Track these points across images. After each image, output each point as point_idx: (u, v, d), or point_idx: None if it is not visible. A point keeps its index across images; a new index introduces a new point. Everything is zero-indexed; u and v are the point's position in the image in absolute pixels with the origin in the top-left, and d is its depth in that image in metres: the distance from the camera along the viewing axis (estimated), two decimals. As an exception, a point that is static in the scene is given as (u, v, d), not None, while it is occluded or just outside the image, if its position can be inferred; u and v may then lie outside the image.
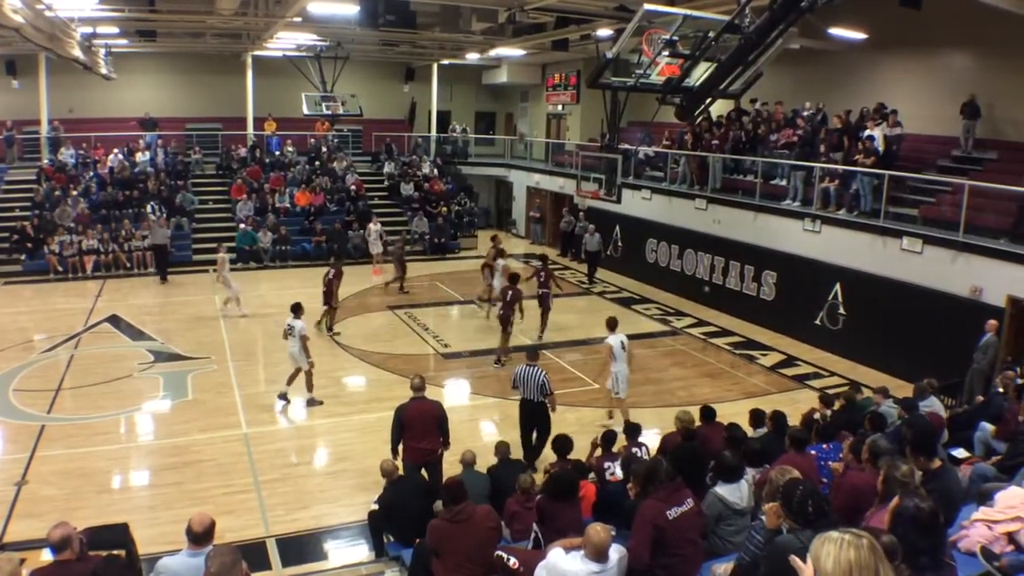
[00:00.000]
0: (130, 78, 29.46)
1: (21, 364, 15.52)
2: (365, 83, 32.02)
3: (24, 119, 28.05)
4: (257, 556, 8.65)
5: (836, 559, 2.98)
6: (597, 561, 5.36)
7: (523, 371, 11.13)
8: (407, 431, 9.51)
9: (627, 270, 23.92)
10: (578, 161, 25.35)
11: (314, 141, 31.20)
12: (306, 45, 26.87)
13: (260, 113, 30.99)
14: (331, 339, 17.23)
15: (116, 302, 20.10)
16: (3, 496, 10.16)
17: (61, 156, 27.36)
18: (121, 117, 29.76)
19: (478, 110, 36.99)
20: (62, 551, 5.48)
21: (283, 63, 28.84)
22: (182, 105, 31.16)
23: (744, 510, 6.38)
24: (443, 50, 29.83)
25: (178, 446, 11.86)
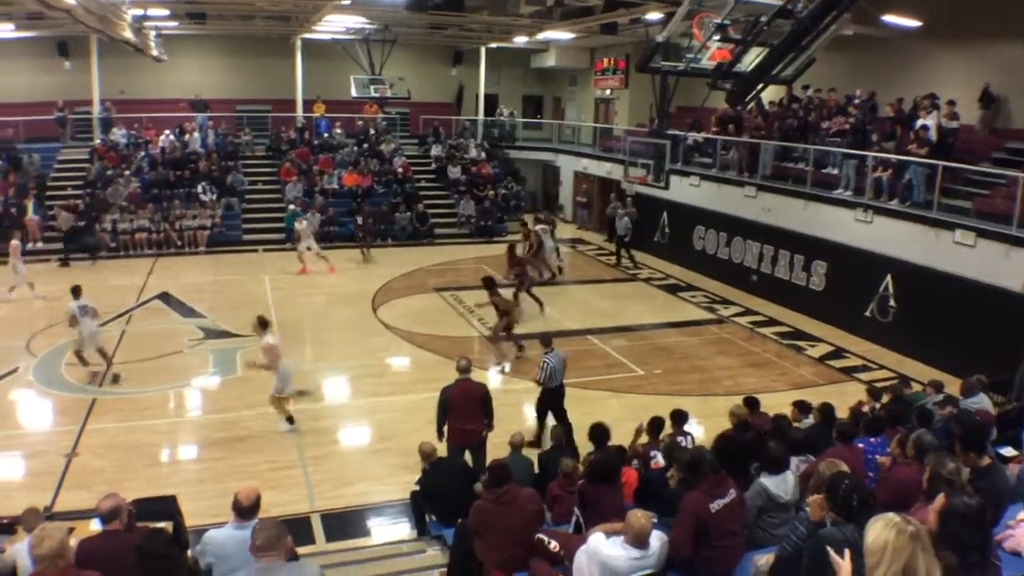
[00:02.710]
0: (181, 60, 29.85)
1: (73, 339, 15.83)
2: (413, 66, 32.08)
3: (76, 100, 28.56)
4: (302, 531, 8.79)
5: (877, 535, 3.17)
6: (638, 547, 5.36)
7: (554, 359, 11.15)
8: (452, 412, 9.58)
9: (674, 257, 23.75)
10: (626, 146, 25.20)
11: (362, 123, 31.34)
12: (354, 28, 27.02)
13: (309, 95, 31.20)
14: (379, 320, 17.35)
15: (167, 280, 20.45)
16: (54, 467, 10.43)
17: (113, 136, 27.84)
18: (172, 98, 30.19)
19: (526, 94, 36.87)
20: (111, 522, 5.60)
21: (332, 46, 29.03)
22: (232, 87, 31.53)
23: (788, 503, 6.30)
24: (491, 33, 29.76)
25: (226, 421, 12.09)
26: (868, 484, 6.50)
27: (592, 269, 23.16)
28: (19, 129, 27.39)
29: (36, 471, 10.40)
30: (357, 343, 15.99)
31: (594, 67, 32.38)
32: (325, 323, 17.54)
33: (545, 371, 11.03)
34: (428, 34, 29.97)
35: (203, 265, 22.58)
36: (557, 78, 36.07)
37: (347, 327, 17.05)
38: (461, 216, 27.22)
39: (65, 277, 20.91)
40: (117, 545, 5.24)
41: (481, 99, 34.06)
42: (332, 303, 18.67)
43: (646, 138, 23.64)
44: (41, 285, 19.05)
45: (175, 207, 24.77)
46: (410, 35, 29.37)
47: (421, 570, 7.76)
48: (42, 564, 4.47)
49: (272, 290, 19.63)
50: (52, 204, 24.37)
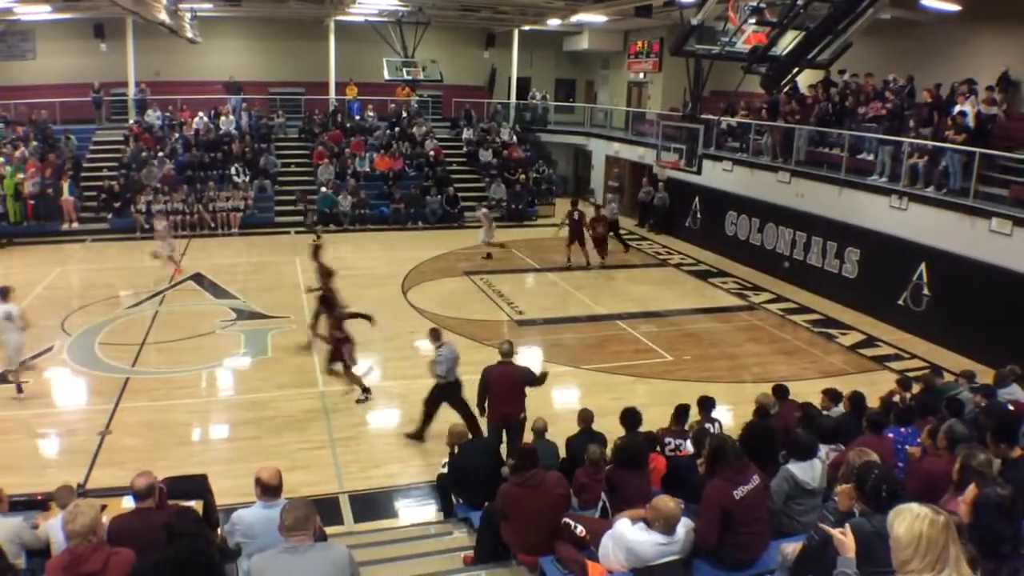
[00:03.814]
0: (215, 42, 30.07)
1: (107, 319, 16.10)
2: (445, 49, 32.07)
3: (111, 81, 28.88)
4: (330, 511, 8.89)
5: (909, 527, 3.11)
6: (664, 533, 5.36)
7: (447, 352, 10.56)
8: (492, 394, 9.78)
9: (705, 243, 23.58)
10: (659, 130, 25.03)
11: (394, 106, 31.39)
12: (388, 10, 27.02)
13: (342, 78, 31.28)
14: (408, 303, 17.40)
15: (200, 261, 20.64)
16: (87, 445, 10.61)
17: (148, 118, 28.09)
18: (206, 80, 30.46)
19: (558, 77, 36.67)
20: (144, 499, 5.69)
21: (365, 28, 29.05)
22: (266, 69, 31.69)
23: (816, 490, 6.27)
24: (524, 16, 29.66)
25: (257, 402, 12.24)
26: (898, 475, 6.46)
27: (622, 254, 23.05)
28: (55, 110, 27.73)
29: (70, 449, 10.60)
30: (386, 326, 15.97)
31: (627, 50, 32.16)
32: (355, 305, 17.47)
33: (443, 365, 10.45)
34: (461, 16, 29.91)
35: (236, 246, 22.76)
36: (590, 61, 35.86)
37: (377, 309, 16.94)
38: (492, 200, 27.19)
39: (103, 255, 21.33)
40: (149, 522, 5.32)
41: (514, 82, 33.92)
42: (361, 285, 18.68)
43: (679, 122, 23.45)
44: (79, 263, 19.36)
45: (209, 189, 25.00)
46: (443, 17, 29.34)
47: (447, 552, 7.79)
48: (75, 540, 4.55)
49: (303, 272, 19.71)
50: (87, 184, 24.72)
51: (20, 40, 29.15)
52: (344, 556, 4.76)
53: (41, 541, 6.23)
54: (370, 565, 6.73)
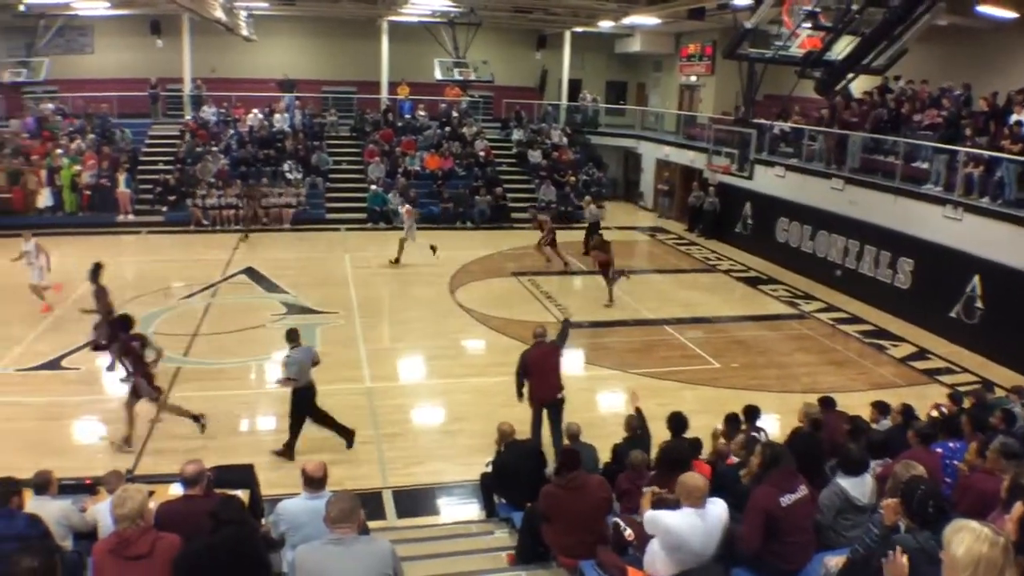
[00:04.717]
0: (270, 40, 30.53)
1: (161, 309, 16.41)
2: (497, 50, 32.21)
3: (168, 77, 29.47)
4: (373, 505, 8.96)
5: (968, 548, 2.99)
6: (695, 507, 5.37)
7: (300, 355, 10.17)
8: (533, 375, 10.02)
9: (756, 249, 23.28)
10: (710, 135, 24.86)
11: (445, 106, 31.54)
12: (440, 11, 27.15)
13: (394, 77, 31.54)
14: (456, 302, 17.47)
15: (252, 255, 20.95)
16: (138, 432, 10.79)
17: (203, 114, 28.64)
18: (261, 78, 30.93)
19: (609, 79, 36.56)
20: (193, 486, 5.81)
21: (417, 28, 29.27)
22: (319, 68, 32.10)
23: (865, 507, 6.15)
24: (576, 17, 29.61)
25: (304, 395, 12.32)
26: (945, 490, 6.33)
27: (671, 259, 22.91)
28: (113, 104, 28.38)
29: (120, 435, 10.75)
30: (434, 324, 16.13)
31: (679, 53, 31.95)
32: (403, 303, 17.75)
33: (294, 367, 10.06)
34: (513, 17, 29.97)
35: (287, 242, 23.02)
36: (641, 64, 35.70)
37: (424, 308, 17.22)
38: (541, 201, 27.17)
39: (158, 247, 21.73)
40: (196, 509, 5.42)
41: (565, 84, 33.90)
42: (410, 283, 18.85)
43: (731, 126, 23.27)
44: (133, 255, 19.73)
45: (262, 184, 25.34)
46: (495, 18, 29.45)
47: (489, 551, 7.81)
48: (123, 524, 4.64)
49: (352, 268, 19.93)
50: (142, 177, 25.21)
51: (79, 35, 29.91)
52: (387, 550, 4.80)
53: (88, 524, 6.35)
54: (411, 561, 6.76)
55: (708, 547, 5.42)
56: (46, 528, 5.66)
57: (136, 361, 10.49)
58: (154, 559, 4.64)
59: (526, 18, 30.11)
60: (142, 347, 10.62)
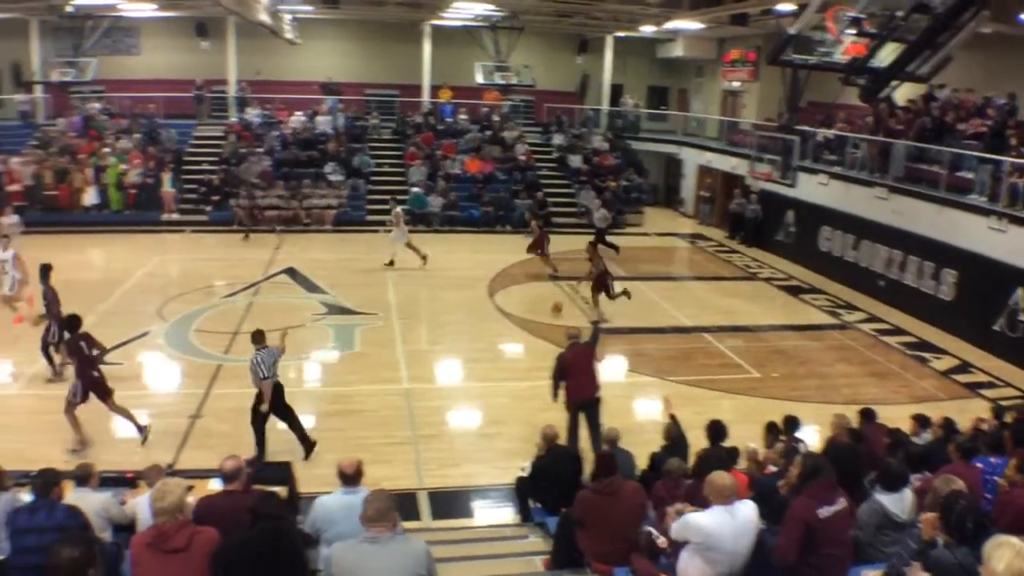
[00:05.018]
0: (313, 44, 30.88)
1: (203, 307, 16.64)
2: (538, 54, 32.27)
3: (213, 79, 29.95)
4: (408, 506, 9.00)
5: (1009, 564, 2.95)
6: (724, 505, 5.39)
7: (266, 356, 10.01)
8: (571, 376, 10.08)
9: (798, 257, 23.00)
10: (753, 141, 24.67)
11: (486, 110, 31.62)
12: (482, 15, 27.24)
13: (435, 81, 31.71)
14: (494, 306, 17.48)
15: (293, 255, 21.15)
16: (179, 427, 10.98)
17: (247, 115, 29.02)
18: (304, 81, 31.23)
19: (651, 84, 36.35)
20: (231, 481, 5.87)
21: (459, 32, 29.40)
22: (361, 71, 32.34)
23: (905, 523, 6.06)
24: (618, 22, 29.52)
25: (342, 395, 12.50)
26: (985, 506, 6.21)
27: (711, 266, 22.75)
28: (159, 105, 28.82)
29: (161, 430, 10.91)
30: (472, 327, 16.17)
31: (722, 58, 31.69)
32: (442, 305, 17.80)
33: (263, 367, 9.93)
34: (555, 22, 29.98)
35: (328, 243, 23.21)
36: (683, 69, 35.48)
37: (463, 311, 17.25)
38: (580, 206, 27.13)
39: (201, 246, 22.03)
40: (234, 504, 5.49)
41: (606, 88, 33.83)
42: (449, 286, 18.90)
43: (774, 133, 23.08)
44: (177, 253, 20.01)
45: (304, 186, 25.59)
46: (537, 23, 29.49)
47: (523, 555, 7.81)
48: (162, 517, 4.70)
49: (392, 270, 20.02)
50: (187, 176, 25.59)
51: (125, 36, 30.46)
52: (422, 550, 4.80)
53: (128, 517, 6.44)
54: (446, 562, 6.76)
55: (739, 546, 5.41)
56: (86, 519, 5.73)
57: (82, 363, 10.37)
58: (192, 553, 4.67)
59: (568, 22, 30.10)
60: (89, 347, 10.51)
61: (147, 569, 4.68)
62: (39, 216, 23.40)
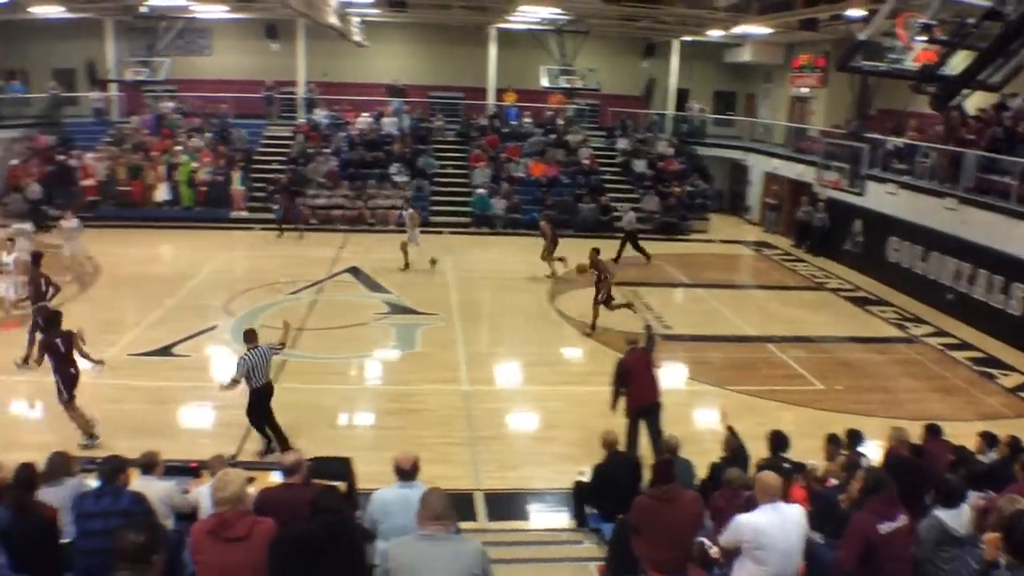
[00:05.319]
0: (380, 46, 31.29)
1: (269, 303, 16.95)
2: (604, 58, 32.20)
3: (282, 80, 30.57)
4: (465, 506, 9.05)
5: None
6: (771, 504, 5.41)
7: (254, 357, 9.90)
8: (633, 381, 10.08)
9: (865, 268, 22.51)
10: (821, 148, 24.28)
11: (551, 113, 31.62)
12: (548, 19, 27.26)
13: (500, 84, 31.88)
14: (555, 309, 17.48)
15: (358, 255, 21.45)
16: (242, 420, 11.10)
17: (315, 116, 29.52)
18: (371, 83, 31.65)
19: (717, 89, 35.93)
20: (291, 475, 5.98)
21: (524, 36, 29.48)
22: (427, 74, 32.69)
23: (963, 538, 5.94)
24: (685, 26, 29.32)
25: (403, 394, 12.61)
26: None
27: (776, 275, 22.42)
28: (230, 105, 29.50)
29: (225, 422, 11.18)
30: (532, 330, 16.19)
31: (790, 64, 31.21)
32: (502, 307, 17.87)
33: (241, 368, 9.81)
34: (621, 26, 29.86)
35: (392, 243, 23.29)
36: (751, 74, 35.04)
37: (523, 314, 17.29)
38: (644, 211, 26.97)
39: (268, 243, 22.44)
40: (295, 497, 5.58)
41: (672, 93, 33.59)
42: (510, 289, 18.96)
43: (843, 140, 22.67)
44: (245, 250, 20.39)
45: (369, 186, 25.92)
46: (603, 26, 29.42)
47: (577, 560, 7.81)
48: (223, 506, 4.81)
49: (453, 271, 20.16)
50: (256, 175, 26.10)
51: (198, 37, 31.21)
52: (478, 551, 4.78)
53: (190, 505, 6.61)
54: (501, 564, 6.79)
55: (790, 545, 5.41)
56: (150, 506, 5.91)
57: (58, 360, 10.35)
58: (251, 542, 4.76)
59: (634, 26, 29.95)
60: (66, 345, 10.45)
61: (207, 556, 4.78)
62: (112, 211, 24.23)
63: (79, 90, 30.58)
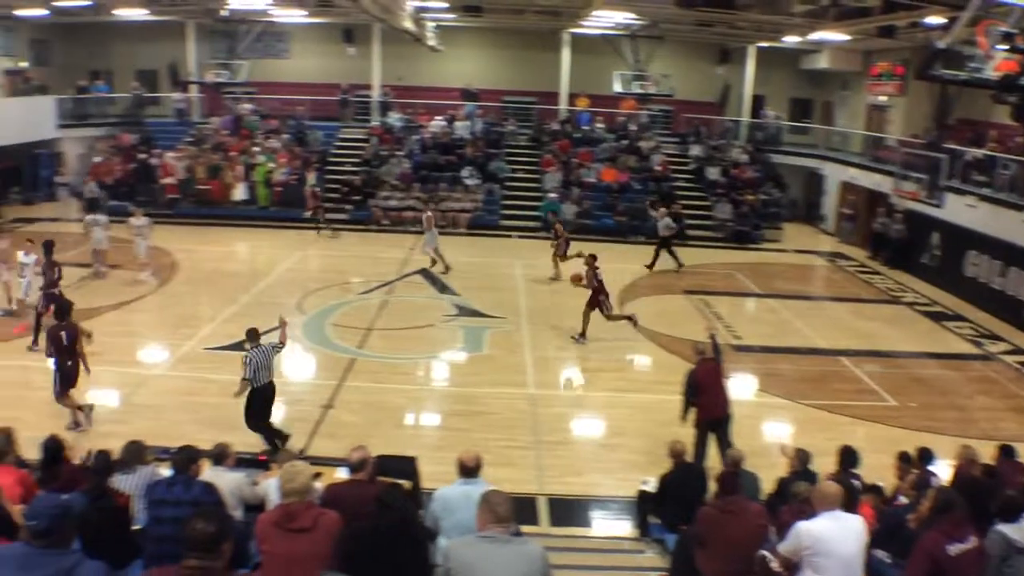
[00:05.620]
0: (454, 51, 31.58)
1: (340, 302, 17.27)
2: (678, 63, 31.92)
3: (358, 83, 31.07)
4: (527, 510, 9.08)
5: None
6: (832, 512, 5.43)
7: (259, 355, 10.00)
8: (701, 392, 9.96)
9: (942, 282, 21.87)
10: (899, 158, 23.75)
11: (623, 119, 31.49)
12: (622, 24, 27.17)
13: (573, 89, 31.83)
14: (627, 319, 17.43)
15: (428, 257, 21.54)
16: (311, 416, 11.48)
17: (389, 119, 29.95)
18: (444, 87, 31.94)
19: (793, 96, 35.24)
20: (357, 471, 6.10)
21: (597, 41, 29.44)
22: (500, 78, 32.81)
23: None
24: (760, 32, 28.88)
25: (468, 396, 12.73)
26: None
27: (850, 287, 21.95)
28: (306, 107, 30.11)
29: (294, 417, 11.42)
30: (599, 336, 16.11)
31: (868, 71, 30.48)
32: (570, 312, 17.76)
33: (249, 366, 9.91)
34: (695, 31, 29.55)
35: (461, 246, 23.53)
36: (828, 81, 34.30)
37: (591, 320, 17.16)
38: (716, 219, 26.70)
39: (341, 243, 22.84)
40: (360, 493, 5.70)
41: (747, 99, 33.15)
42: (578, 294, 18.79)
43: (921, 150, 22.16)
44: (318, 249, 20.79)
45: (441, 189, 26.18)
46: (677, 32, 29.21)
47: (639, 570, 7.81)
48: (290, 497, 4.93)
49: (522, 275, 20.23)
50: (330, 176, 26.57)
51: (276, 40, 31.91)
52: (540, 555, 4.76)
53: (258, 497, 6.77)
54: (561, 569, 6.79)
55: (850, 554, 5.38)
56: (220, 497, 6.08)
57: (59, 351, 10.53)
58: (315, 533, 4.85)
59: (709, 32, 29.62)
60: (70, 338, 10.61)
61: (272, 546, 4.87)
62: (191, 209, 24.96)
63: (161, 91, 31.62)
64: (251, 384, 9.93)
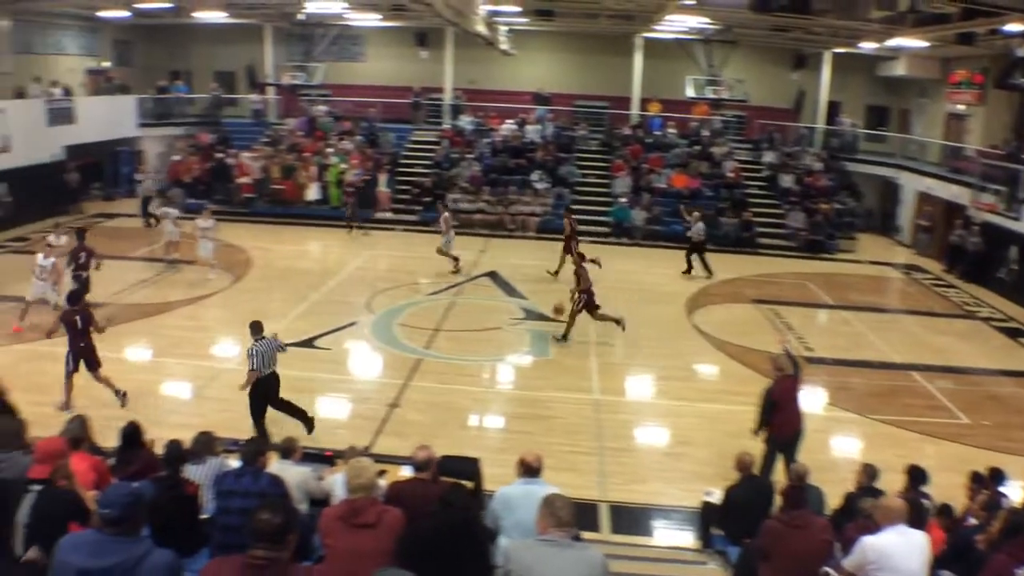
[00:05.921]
0: (526, 55, 31.75)
1: (408, 302, 17.49)
2: (751, 68, 31.53)
3: (430, 86, 31.44)
4: (588, 516, 9.09)
5: None
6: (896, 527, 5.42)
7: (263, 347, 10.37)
8: (780, 411, 9.72)
9: (1019, 298, 21.12)
10: (977, 169, 23.11)
11: (696, 124, 31.22)
12: (695, 28, 26.96)
13: (645, 94, 31.68)
14: (691, 324, 17.26)
15: (497, 259, 21.84)
16: (377, 413, 11.66)
17: (460, 122, 30.23)
18: (516, 90, 32.11)
19: (869, 103, 34.47)
20: (421, 471, 6.18)
21: (670, 45, 29.24)
22: (572, 82, 32.83)
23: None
24: (836, 38, 28.32)
25: (534, 399, 12.78)
26: None
27: (925, 300, 21.40)
28: (379, 109, 30.56)
29: (360, 415, 11.67)
30: (667, 344, 16.02)
31: (947, 79, 29.66)
32: (638, 319, 17.68)
33: (255, 358, 10.21)
34: (769, 36, 29.07)
35: (530, 249, 23.62)
36: (905, 88, 33.44)
37: (659, 326, 17.10)
38: (789, 228, 26.28)
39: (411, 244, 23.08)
40: (424, 492, 5.79)
41: (822, 106, 32.54)
42: (647, 301, 18.79)
43: (1000, 161, 21.54)
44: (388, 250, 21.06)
45: (510, 192, 26.30)
46: (751, 36, 28.82)
47: (700, 581, 7.73)
48: (356, 492, 5.04)
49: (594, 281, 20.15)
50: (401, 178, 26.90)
51: (351, 43, 32.54)
52: (600, 561, 4.77)
53: (324, 492, 6.93)
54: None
55: (915, 568, 5.37)
56: (286, 490, 6.23)
57: (73, 334, 10.93)
58: (379, 529, 4.93)
59: (784, 37, 29.13)
60: (85, 322, 10.98)
61: (336, 540, 4.96)
62: (265, 208, 25.54)
63: (239, 92, 32.50)
64: (258, 374, 10.22)
